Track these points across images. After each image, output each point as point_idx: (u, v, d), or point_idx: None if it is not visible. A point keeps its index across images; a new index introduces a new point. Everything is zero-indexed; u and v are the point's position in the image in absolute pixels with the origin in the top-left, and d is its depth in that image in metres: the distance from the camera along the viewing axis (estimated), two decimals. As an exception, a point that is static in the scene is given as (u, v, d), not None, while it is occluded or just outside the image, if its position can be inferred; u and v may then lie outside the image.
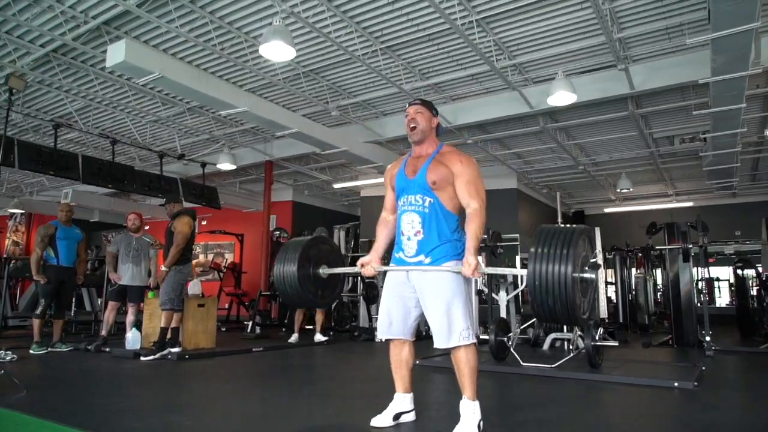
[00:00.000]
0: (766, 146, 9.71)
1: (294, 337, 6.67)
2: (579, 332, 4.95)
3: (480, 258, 2.32)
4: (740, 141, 7.83)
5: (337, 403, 3.31)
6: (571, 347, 4.53)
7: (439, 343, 2.45)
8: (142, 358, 5.00)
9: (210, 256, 13.24)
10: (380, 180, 10.82)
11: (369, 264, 2.66)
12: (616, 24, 5.69)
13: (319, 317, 6.98)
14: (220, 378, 4.50)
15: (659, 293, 11.25)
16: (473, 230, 2.42)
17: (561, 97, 6.34)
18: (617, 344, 4.44)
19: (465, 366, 2.44)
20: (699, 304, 6.72)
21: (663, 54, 6.40)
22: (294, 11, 5.26)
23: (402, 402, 2.62)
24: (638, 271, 10.49)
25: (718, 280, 13.35)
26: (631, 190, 11.46)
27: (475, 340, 2.47)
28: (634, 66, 6.50)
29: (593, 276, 2.34)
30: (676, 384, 3.67)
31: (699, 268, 6.86)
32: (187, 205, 8.22)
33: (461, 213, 2.55)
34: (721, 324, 5.89)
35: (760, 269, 8.62)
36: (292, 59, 5.79)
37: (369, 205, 12.58)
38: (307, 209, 13.31)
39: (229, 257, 13.04)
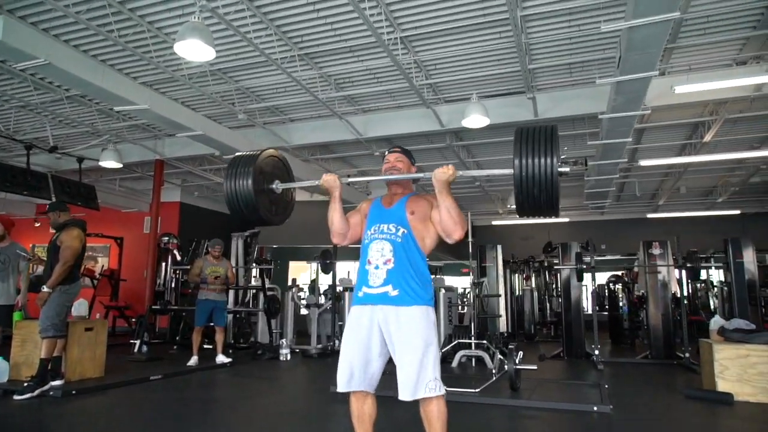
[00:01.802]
0: (633, 173, 10.94)
1: (193, 360, 6.07)
2: (495, 351, 5.11)
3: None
4: (619, 169, 8.72)
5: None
6: (494, 370, 4.64)
7: (404, 394, 2.26)
8: (16, 397, 4.15)
9: (79, 261, 11.77)
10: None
11: (335, 177, 2.61)
12: (528, 55, 6.00)
13: (219, 336, 6.43)
14: (119, 426, 3.76)
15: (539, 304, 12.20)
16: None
17: (475, 119, 6.54)
18: (536, 368, 4.61)
19: (437, 420, 2.29)
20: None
21: (565, 86, 6.89)
22: (210, 6, 4.80)
23: (364, 460, 2.43)
24: (526, 283, 11.24)
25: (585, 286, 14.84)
26: (518, 205, 12.24)
27: (444, 391, 2.35)
28: (539, 94, 6.90)
29: (568, 170, 2.38)
30: (595, 408, 3.91)
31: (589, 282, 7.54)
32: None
33: (429, 255, 2.48)
34: (591, 329, 6.55)
35: (634, 287, 9.67)
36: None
37: (265, 209, 12.06)
38: (196, 211, 12.38)
39: (103, 262, 11.72)
